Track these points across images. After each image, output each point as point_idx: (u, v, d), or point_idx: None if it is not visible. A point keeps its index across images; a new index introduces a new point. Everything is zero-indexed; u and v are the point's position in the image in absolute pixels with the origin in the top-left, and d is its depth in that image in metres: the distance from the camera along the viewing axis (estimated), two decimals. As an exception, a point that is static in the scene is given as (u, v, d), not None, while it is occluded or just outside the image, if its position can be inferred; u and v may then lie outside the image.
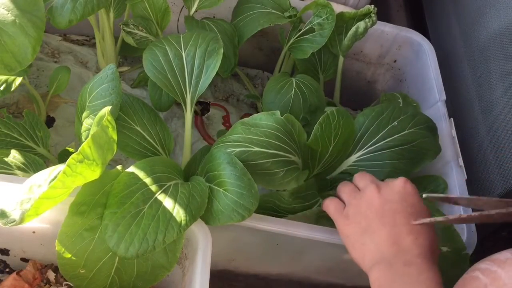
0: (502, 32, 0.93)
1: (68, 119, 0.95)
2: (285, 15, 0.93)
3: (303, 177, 0.72)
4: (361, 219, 0.60)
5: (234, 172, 0.63)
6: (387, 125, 0.81)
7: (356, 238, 0.60)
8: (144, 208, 0.59)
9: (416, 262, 0.56)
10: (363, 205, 0.61)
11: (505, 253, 0.47)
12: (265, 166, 0.68)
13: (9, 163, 0.69)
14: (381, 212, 0.59)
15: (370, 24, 0.87)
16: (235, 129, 0.70)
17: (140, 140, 0.73)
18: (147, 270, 0.65)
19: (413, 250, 0.57)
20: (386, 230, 0.58)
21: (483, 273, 0.47)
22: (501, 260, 0.47)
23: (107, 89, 0.69)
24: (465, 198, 0.59)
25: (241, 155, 0.66)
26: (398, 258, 0.56)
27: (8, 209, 0.55)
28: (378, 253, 0.58)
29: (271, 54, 1.11)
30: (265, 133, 0.69)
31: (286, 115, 0.72)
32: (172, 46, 0.78)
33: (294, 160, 0.71)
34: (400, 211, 0.59)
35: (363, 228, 0.60)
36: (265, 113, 0.71)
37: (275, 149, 0.69)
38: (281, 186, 0.69)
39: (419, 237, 0.58)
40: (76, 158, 0.54)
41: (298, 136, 0.73)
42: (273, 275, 0.92)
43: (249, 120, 0.70)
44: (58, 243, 0.61)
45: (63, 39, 1.07)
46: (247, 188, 0.62)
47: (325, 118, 0.74)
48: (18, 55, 0.68)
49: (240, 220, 0.61)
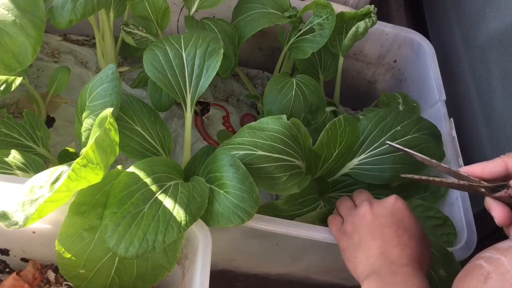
0: (502, 32, 0.93)
1: (68, 119, 0.95)
2: (285, 15, 0.93)
3: (305, 182, 0.72)
4: (355, 235, 0.65)
5: (236, 174, 0.63)
6: (390, 129, 0.81)
7: (351, 252, 0.64)
8: (144, 208, 0.59)
9: (403, 271, 0.59)
10: (357, 221, 0.66)
11: (508, 242, 0.49)
12: (268, 170, 0.68)
13: (9, 163, 0.69)
14: (372, 227, 0.64)
15: (370, 24, 0.87)
16: (241, 133, 0.70)
17: (140, 140, 0.73)
18: (147, 270, 0.65)
19: (399, 260, 0.60)
20: (376, 244, 0.62)
21: (486, 261, 0.48)
22: (504, 248, 0.48)
23: (107, 89, 0.69)
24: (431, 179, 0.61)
25: (244, 158, 0.66)
26: (386, 268, 0.60)
27: (10, 210, 0.55)
28: (368, 265, 0.61)
29: (271, 54, 1.11)
30: (270, 136, 0.69)
31: (292, 119, 0.72)
32: (172, 46, 0.78)
33: (298, 165, 0.71)
34: (389, 225, 0.63)
35: (356, 244, 0.64)
36: (272, 117, 0.71)
37: (279, 153, 0.69)
38: (284, 190, 0.69)
39: (405, 248, 0.61)
40: (80, 163, 0.54)
41: (303, 140, 0.73)
42: (273, 275, 0.92)
43: (256, 124, 0.71)
44: (58, 243, 0.61)
45: (63, 39, 1.07)
46: (248, 191, 0.62)
47: (332, 125, 0.74)
48: (18, 55, 0.68)
49: (240, 223, 0.62)
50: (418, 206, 0.79)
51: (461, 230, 0.78)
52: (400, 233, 0.62)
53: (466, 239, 0.77)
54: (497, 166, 0.55)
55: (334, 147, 0.76)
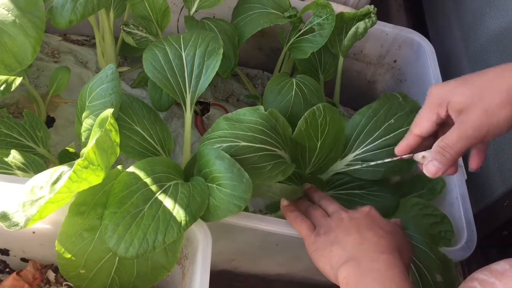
0: (502, 32, 0.93)
1: (68, 119, 0.95)
2: (285, 15, 0.93)
3: (290, 170, 0.71)
4: (330, 234, 0.64)
5: (223, 165, 0.63)
6: (383, 123, 0.81)
7: (325, 248, 0.63)
8: (144, 208, 0.59)
9: (383, 258, 0.58)
10: (333, 223, 0.65)
11: (503, 264, 0.48)
12: (253, 160, 0.68)
13: (9, 163, 0.69)
14: (348, 226, 0.63)
15: (370, 25, 0.87)
16: (219, 125, 0.69)
17: (140, 140, 0.73)
18: (147, 270, 0.65)
19: (378, 249, 0.59)
20: (352, 237, 0.62)
21: (480, 284, 0.48)
22: (499, 272, 0.47)
23: (107, 89, 0.69)
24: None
25: (228, 150, 0.66)
26: (364, 255, 0.59)
27: (10, 211, 0.55)
28: (345, 253, 0.60)
29: (271, 54, 1.11)
30: (250, 128, 0.69)
31: (270, 110, 0.72)
32: (172, 46, 0.78)
33: (280, 154, 0.71)
34: (365, 224, 0.63)
35: (331, 241, 0.63)
36: (249, 108, 0.71)
37: (261, 143, 0.69)
38: (269, 179, 0.69)
39: (382, 239, 0.61)
40: (81, 164, 0.54)
41: (283, 130, 0.73)
42: (273, 275, 0.92)
43: (233, 116, 0.70)
44: (58, 243, 0.61)
45: (63, 39, 1.07)
46: (238, 178, 0.62)
47: (310, 113, 0.74)
48: (18, 55, 0.68)
49: (238, 211, 0.62)
50: (416, 204, 0.79)
51: (461, 230, 0.78)
52: (377, 229, 0.62)
53: (466, 239, 0.77)
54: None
55: (316, 137, 0.76)
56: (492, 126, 0.57)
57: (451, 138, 0.59)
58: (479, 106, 0.58)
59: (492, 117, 0.57)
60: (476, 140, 0.59)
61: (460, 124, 0.59)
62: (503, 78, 0.58)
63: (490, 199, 0.92)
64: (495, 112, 0.57)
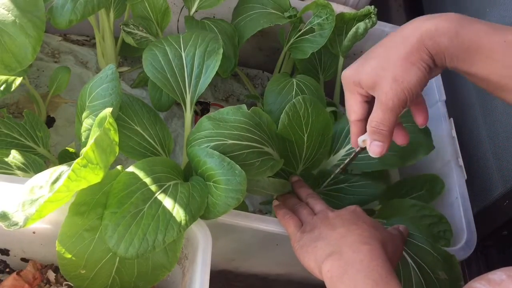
0: (502, 32, 0.92)
1: (68, 119, 0.95)
2: (285, 15, 0.93)
3: (278, 166, 0.72)
4: (315, 231, 0.64)
5: (214, 161, 0.64)
6: None
7: (309, 245, 0.63)
8: (144, 208, 0.59)
9: (366, 249, 0.58)
10: (318, 221, 0.65)
11: (500, 274, 0.48)
12: (241, 157, 0.68)
13: (9, 163, 0.69)
14: (333, 223, 0.64)
15: (370, 25, 0.87)
16: (203, 125, 0.69)
17: (140, 140, 0.73)
18: (147, 270, 0.65)
19: (361, 240, 0.59)
20: (336, 231, 0.62)
21: None
22: (496, 282, 0.47)
23: (107, 89, 0.69)
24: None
25: (216, 149, 0.66)
26: (347, 247, 0.59)
27: (10, 211, 0.55)
28: (328, 247, 0.60)
29: (271, 54, 1.11)
30: (235, 127, 0.69)
31: (253, 108, 0.72)
32: (171, 46, 0.78)
33: (267, 151, 0.72)
34: (349, 219, 0.64)
35: (316, 237, 0.63)
36: (232, 107, 0.71)
37: (247, 141, 0.69)
38: (258, 175, 0.69)
39: (365, 231, 0.61)
40: (80, 163, 0.54)
41: (268, 127, 0.73)
42: (273, 275, 0.92)
43: (216, 115, 0.70)
44: (58, 243, 0.61)
45: (63, 39, 1.07)
46: (230, 172, 0.62)
47: (291, 106, 0.74)
48: (18, 55, 0.68)
49: (237, 203, 0.62)
50: (413, 205, 0.79)
51: (461, 230, 0.78)
52: (360, 223, 0.62)
53: (466, 239, 0.77)
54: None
55: (301, 131, 0.76)
56: (407, 89, 0.57)
57: (378, 115, 0.59)
58: (387, 76, 0.57)
59: (403, 82, 0.57)
60: (401, 106, 0.58)
61: (378, 99, 0.59)
62: (399, 42, 0.58)
63: (490, 199, 0.92)
64: (403, 76, 0.57)
